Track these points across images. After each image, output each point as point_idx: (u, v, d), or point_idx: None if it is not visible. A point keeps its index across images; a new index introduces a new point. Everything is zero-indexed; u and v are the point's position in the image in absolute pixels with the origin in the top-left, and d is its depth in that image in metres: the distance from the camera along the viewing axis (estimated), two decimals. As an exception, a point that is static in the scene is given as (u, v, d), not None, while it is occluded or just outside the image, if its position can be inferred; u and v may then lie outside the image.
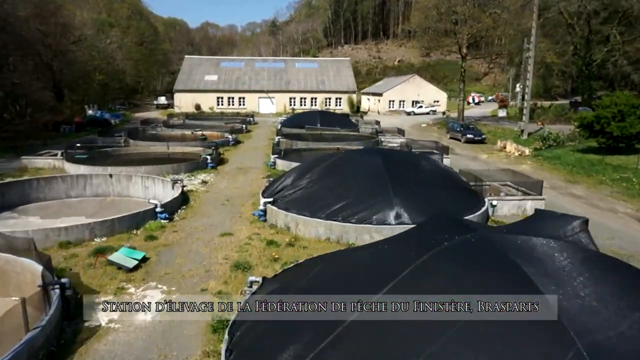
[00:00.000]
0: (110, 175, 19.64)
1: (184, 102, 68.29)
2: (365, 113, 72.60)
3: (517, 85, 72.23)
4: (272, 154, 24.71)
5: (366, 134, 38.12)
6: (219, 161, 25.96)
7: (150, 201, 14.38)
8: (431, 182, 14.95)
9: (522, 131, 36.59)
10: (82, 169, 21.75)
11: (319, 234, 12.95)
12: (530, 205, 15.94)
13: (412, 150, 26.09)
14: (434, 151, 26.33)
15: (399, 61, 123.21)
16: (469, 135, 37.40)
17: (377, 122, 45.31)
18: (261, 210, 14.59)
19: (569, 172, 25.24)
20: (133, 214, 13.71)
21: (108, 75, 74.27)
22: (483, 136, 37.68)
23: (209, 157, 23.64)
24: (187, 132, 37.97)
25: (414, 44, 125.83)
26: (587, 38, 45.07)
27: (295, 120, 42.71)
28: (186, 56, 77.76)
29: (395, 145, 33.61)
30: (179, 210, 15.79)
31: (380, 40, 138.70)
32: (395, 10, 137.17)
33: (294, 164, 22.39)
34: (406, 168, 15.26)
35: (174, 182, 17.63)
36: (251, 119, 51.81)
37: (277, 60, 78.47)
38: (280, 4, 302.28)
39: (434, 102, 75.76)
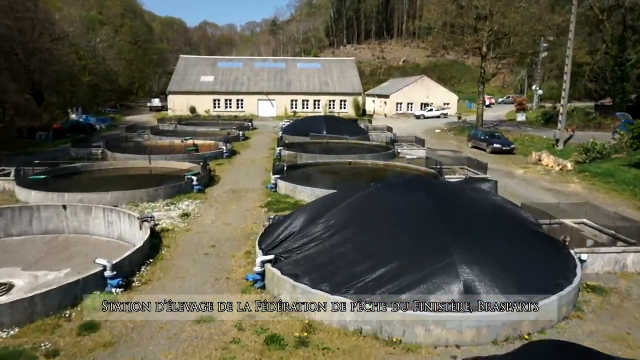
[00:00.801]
0: (64, 207, 15.19)
1: (178, 105, 63.87)
2: (371, 116, 68.17)
3: (535, 87, 67.85)
4: (273, 173, 20.23)
5: (380, 143, 33.61)
6: (209, 180, 21.50)
7: (97, 261, 9.90)
8: (501, 231, 10.50)
9: (558, 141, 32.11)
10: (34, 196, 17.30)
11: (345, 322, 8.49)
12: (632, 260, 11.48)
13: (442, 167, 21.65)
14: (476, 173, 21.80)
15: (404, 61, 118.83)
16: (496, 145, 32.92)
17: (389, 129, 40.85)
18: (257, 274, 10.14)
19: (633, 195, 20.78)
20: (67, 285, 9.23)
21: (98, 77, 69.92)
22: (512, 146, 33.21)
23: (195, 178, 19.16)
24: (177, 141, 33.53)
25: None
26: (621, 36, 40.68)
27: (299, 127, 38.29)
28: (181, 56, 73.36)
29: (415, 157, 29.19)
30: (144, 267, 11.32)
31: (384, 40, 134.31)
32: (399, 9, 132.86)
33: (300, 188, 17.97)
34: (463, 211, 10.79)
35: (143, 220, 13.18)
36: (249, 124, 47.39)
37: (277, 60, 74.09)
38: (281, 3, 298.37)
39: (444, 104, 71.37)
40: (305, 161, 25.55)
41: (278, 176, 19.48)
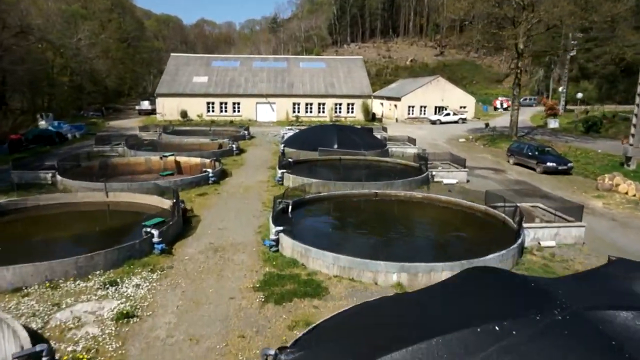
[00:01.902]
0: None
1: (167, 109, 57.50)
2: (380, 120, 61.82)
3: (562, 88, 61.52)
4: (273, 221, 13.86)
5: (405, 161, 27.15)
6: (182, 227, 15.15)
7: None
8: None
9: (629, 158, 25.71)
10: None
11: None
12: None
13: (516, 206, 15.25)
14: (565, 218, 15.35)
15: (411, 61, 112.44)
16: (549, 164, 26.54)
17: (412, 140, 34.45)
18: None
19: None
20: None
21: (82, 77, 63.58)
22: (569, 164, 26.83)
23: (156, 233, 12.76)
24: (155, 158, 27.16)
25: (435, 41, 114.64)
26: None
27: (303, 138, 31.88)
28: (172, 54, 66.91)
29: (454, 182, 22.84)
30: None
31: (389, 38, 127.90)
32: (406, 6, 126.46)
33: (315, 252, 11.67)
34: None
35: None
36: (246, 132, 40.98)
37: (278, 59, 67.66)
38: (281, 0, 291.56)
39: (460, 107, 65.02)
40: (316, 191, 19.15)
41: (280, 228, 13.07)
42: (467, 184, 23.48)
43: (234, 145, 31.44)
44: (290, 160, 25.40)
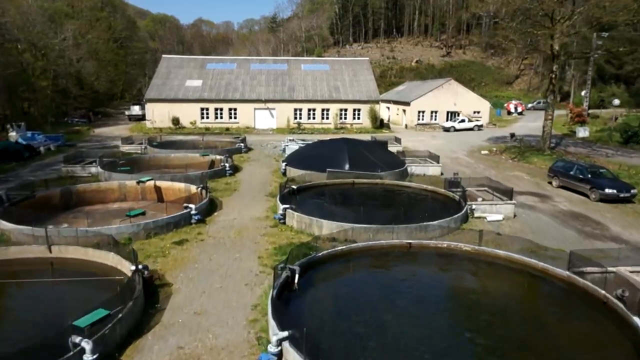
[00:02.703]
0: None
1: (158, 115, 52.84)
2: (389, 127, 57.20)
3: (585, 92, 56.89)
4: (273, 318, 9.17)
5: (434, 188, 22.38)
6: (141, 312, 10.48)
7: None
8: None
9: None
10: None
11: None
12: None
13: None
14: None
15: (416, 62, 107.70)
16: (608, 191, 21.83)
17: (434, 157, 29.70)
18: None
19: None
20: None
21: (68, 80, 58.90)
22: (632, 191, 22.15)
23: (88, 348, 8.04)
24: (131, 183, 22.49)
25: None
26: None
27: (309, 156, 27.18)
28: (164, 56, 62.16)
29: (501, 218, 18.21)
30: None
31: (393, 38, 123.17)
32: (410, 5, 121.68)
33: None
34: None
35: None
36: (241, 145, 36.28)
37: (278, 60, 62.93)
38: None
39: (474, 113, 60.41)
40: (330, 240, 14.49)
41: (285, 333, 8.39)
42: (514, 219, 18.83)
43: (227, 165, 26.71)
44: (293, 187, 20.74)
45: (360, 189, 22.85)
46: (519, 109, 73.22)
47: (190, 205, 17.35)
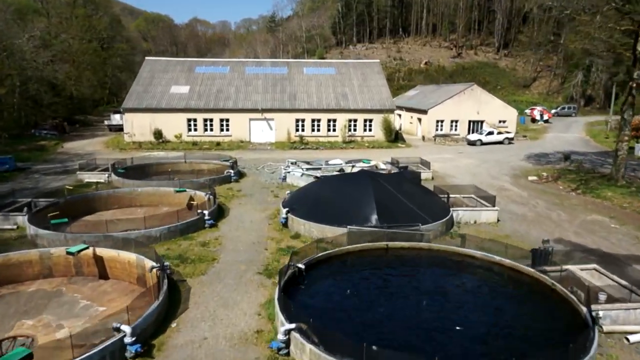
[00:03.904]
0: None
1: (138, 127, 45.51)
2: (404, 140, 49.86)
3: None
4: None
5: (513, 263, 14.85)
6: None
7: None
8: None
9: None
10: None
11: None
12: None
13: None
14: None
15: (425, 63, 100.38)
16: None
17: (488, 198, 22.19)
18: None
19: None
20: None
21: (40, 85, 51.51)
22: None
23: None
24: (59, 252, 15.12)
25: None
26: None
27: (319, 198, 19.73)
28: (147, 58, 54.77)
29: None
30: None
31: (400, 38, 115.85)
32: (417, 3, 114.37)
33: None
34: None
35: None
36: (231, 171, 28.81)
37: (277, 63, 55.51)
38: None
39: (499, 122, 53.17)
40: None
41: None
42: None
43: (206, 213, 19.26)
44: (299, 267, 13.38)
45: (399, 258, 15.51)
46: (545, 116, 65.88)
47: (125, 329, 9.87)
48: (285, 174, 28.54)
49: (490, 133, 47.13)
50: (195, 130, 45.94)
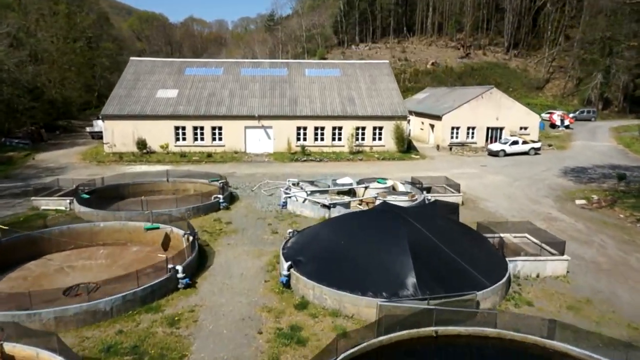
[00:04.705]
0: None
1: (119, 136, 40.50)
2: (415, 148, 44.91)
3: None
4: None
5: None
6: None
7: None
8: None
9: None
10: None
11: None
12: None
13: None
14: None
15: (432, 64, 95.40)
16: None
17: (547, 236, 17.15)
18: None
19: None
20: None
21: (15, 88, 46.43)
22: None
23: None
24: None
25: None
26: None
27: (335, 248, 14.66)
28: (131, 58, 49.66)
29: None
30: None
31: (404, 37, 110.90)
32: (423, 0, 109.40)
33: None
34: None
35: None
36: (219, 196, 23.73)
37: (275, 64, 50.39)
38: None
39: (520, 129, 48.24)
40: None
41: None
42: None
43: (180, 270, 14.16)
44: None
45: (455, 354, 10.50)
46: (566, 121, 60.94)
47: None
48: (286, 199, 23.54)
49: (515, 143, 42.14)
50: (184, 139, 40.91)
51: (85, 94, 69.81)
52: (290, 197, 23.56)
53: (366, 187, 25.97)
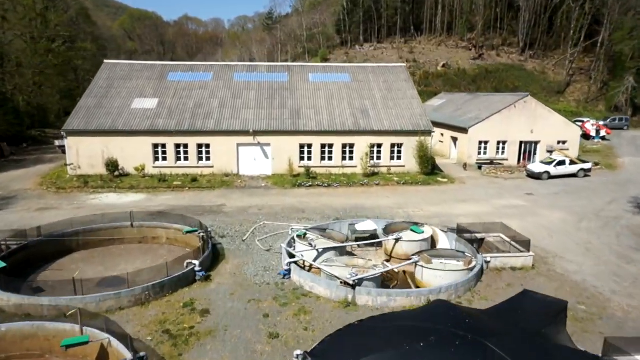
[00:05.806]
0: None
1: (85, 156, 33.54)
2: (439, 169, 38.04)
3: None
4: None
5: None
6: None
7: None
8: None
9: None
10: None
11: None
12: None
13: None
14: None
15: (443, 65, 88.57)
16: None
17: None
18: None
19: None
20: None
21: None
22: None
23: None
24: None
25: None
26: None
27: None
28: (105, 61, 42.64)
29: None
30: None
31: (411, 37, 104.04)
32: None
33: None
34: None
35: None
36: (195, 263, 16.77)
37: (274, 68, 43.34)
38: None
39: (558, 144, 41.44)
40: None
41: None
42: None
43: None
44: None
45: None
46: (602, 132, 54.08)
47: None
48: (289, 264, 16.62)
49: (562, 163, 35.23)
50: (164, 159, 33.96)
51: (65, 99, 62.79)
52: (295, 262, 16.65)
53: (397, 240, 19.12)
